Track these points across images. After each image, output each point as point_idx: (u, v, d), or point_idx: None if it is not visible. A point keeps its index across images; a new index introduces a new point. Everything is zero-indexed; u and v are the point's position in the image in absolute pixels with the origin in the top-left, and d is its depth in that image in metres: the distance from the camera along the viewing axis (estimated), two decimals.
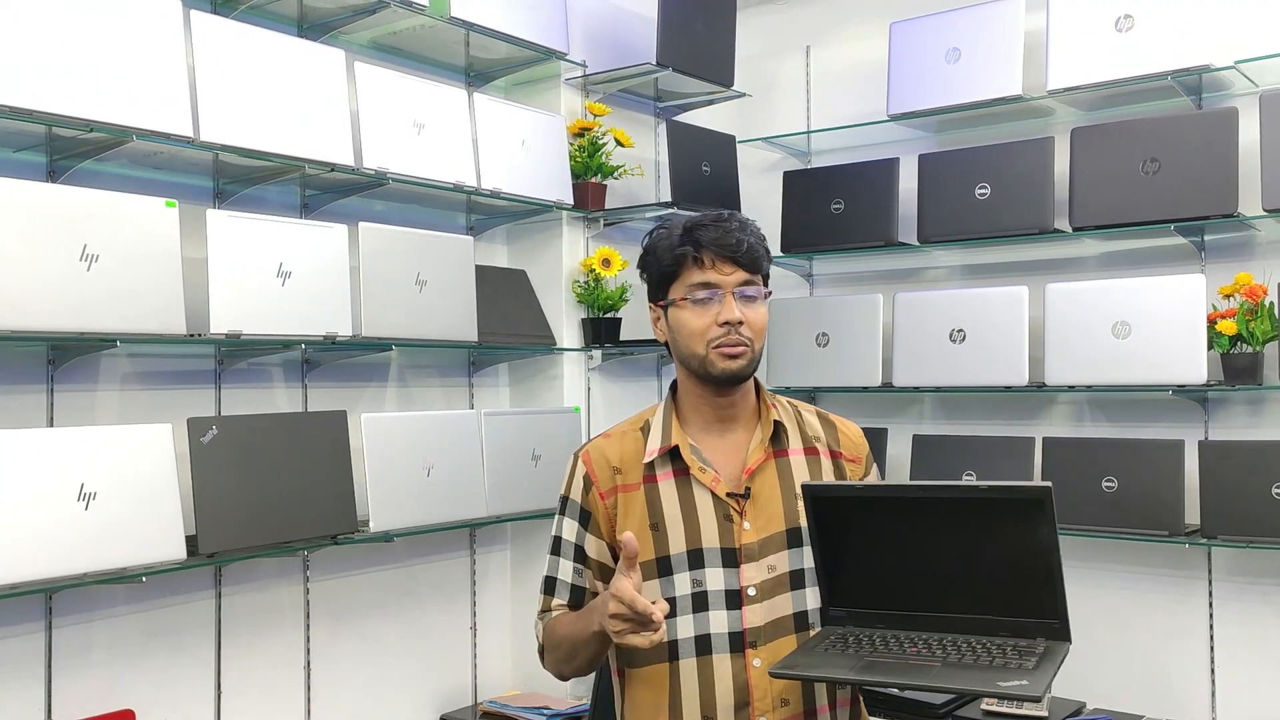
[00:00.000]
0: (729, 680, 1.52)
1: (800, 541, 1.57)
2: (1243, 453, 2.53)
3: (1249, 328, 2.56)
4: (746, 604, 1.53)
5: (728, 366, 1.55)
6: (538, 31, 2.82)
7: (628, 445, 1.63)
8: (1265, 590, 2.68)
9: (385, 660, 2.74)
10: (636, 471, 1.60)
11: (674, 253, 1.57)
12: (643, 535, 1.56)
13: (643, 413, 1.69)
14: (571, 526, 1.64)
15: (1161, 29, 2.68)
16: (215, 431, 2.11)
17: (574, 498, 1.64)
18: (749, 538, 1.55)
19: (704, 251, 1.55)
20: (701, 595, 1.54)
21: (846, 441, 1.68)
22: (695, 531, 1.55)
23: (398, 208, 2.77)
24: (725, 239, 1.55)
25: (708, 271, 1.55)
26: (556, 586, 1.65)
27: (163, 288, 2.01)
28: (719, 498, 1.56)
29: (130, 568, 1.97)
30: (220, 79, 2.15)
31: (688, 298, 1.56)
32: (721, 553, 1.54)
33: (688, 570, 1.54)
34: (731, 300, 1.55)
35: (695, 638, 1.53)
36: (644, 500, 1.58)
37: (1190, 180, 2.62)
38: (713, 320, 1.54)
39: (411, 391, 2.84)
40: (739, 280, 1.56)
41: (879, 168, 3.14)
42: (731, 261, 1.55)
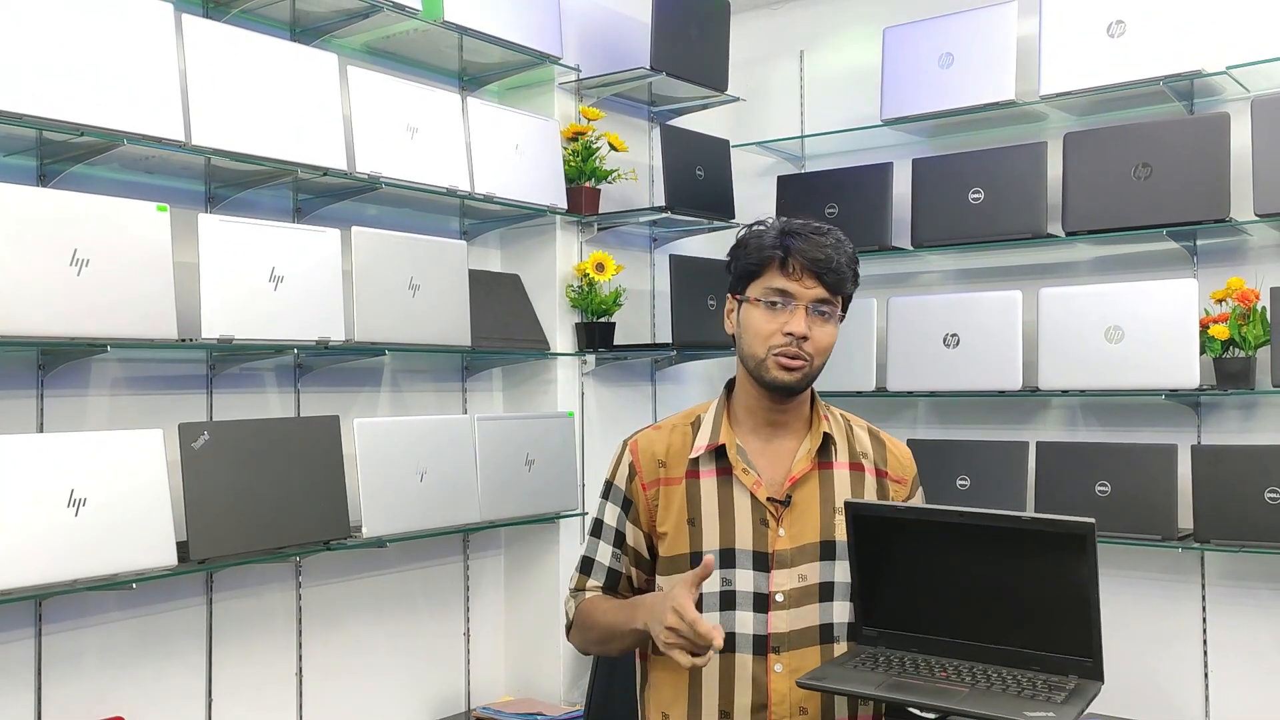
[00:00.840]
0: (749, 681, 1.55)
1: (834, 555, 1.58)
2: (1235, 457, 2.53)
3: (1241, 332, 2.56)
4: (773, 609, 1.55)
5: (780, 377, 1.56)
6: (531, 36, 2.82)
7: (676, 439, 1.65)
8: (1258, 594, 2.68)
9: (378, 666, 2.73)
10: (681, 466, 1.62)
11: (762, 252, 1.57)
12: (679, 529, 1.59)
13: (696, 407, 1.70)
14: (614, 512, 1.66)
15: (1153, 34, 2.69)
16: (207, 437, 2.10)
17: (618, 484, 1.67)
18: (783, 544, 1.56)
19: (792, 258, 1.54)
20: (730, 594, 1.56)
21: (894, 462, 1.68)
22: (730, 531, 1.57)
23: (391, 212, 2.77)
24: (815, 251, 1.54)
25: (789, 279, 1.55)
26: (594, 568, 1.68)
27: (154, 292, 2.00)
28: (758, 501, 1.58)
29: (121, 574, 1.96)
30: (212, 83, 2.14)
31: (762, 299, 1.56)
32: (754, 555, 1.56)
33: (719, 569, 1.56)
34: (803, 313, 1.54)
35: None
36: (684, 495, 1.60)
37: (1182, 185, 2.63)
38: (779, 327, 1.54)
39: (405, 396, 2.83)
40: (816, 296, 1.55)
41: (873, 172, 3.14)
42: (815, 276, 1.54)
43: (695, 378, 3.48)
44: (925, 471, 2.97)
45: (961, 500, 2.90)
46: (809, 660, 1.55)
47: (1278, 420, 2.67)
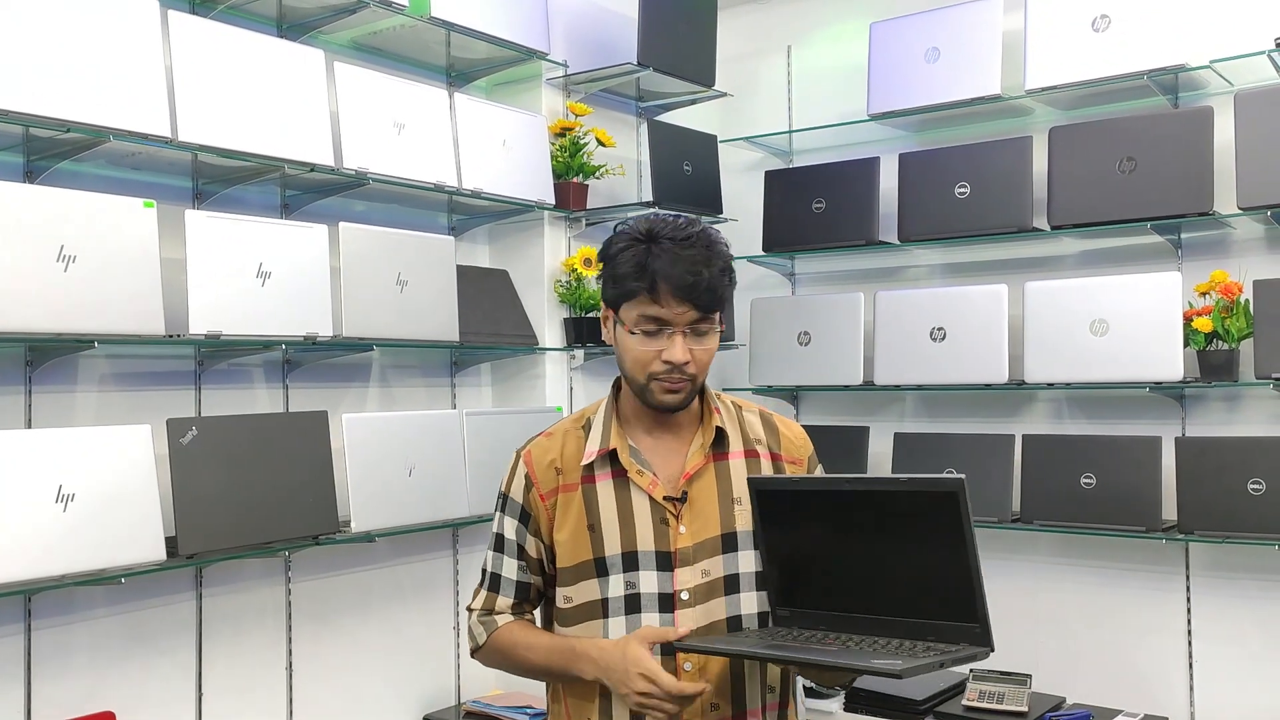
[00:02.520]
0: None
1: (735, 546, 1.55)
2: (1219, 449, 2.55)
3: (1224, 325, 2.58)
4: (680, 608, 1.52)
5: (665, 400, 1.52)
6: (518, 31, 2.82)
7: (569, 444, 1.60)
8: (1242, 585, 2.71)
9: (368, 661, 2.73)
10: (576, 471, 1.58)
11: (629, 279, 1.48)
12: (579, 535, 1.54)
13: (585, 410, 1.65)
14: (512, 525, 1.61)
15: (1138, 29, 2.70)
16: (195, 432, 2.11)
17: (514, 497, 1.61)
18: (684, 541, 1.53)
19: (659, 289, 1.46)
20: (635, 597, 1.52)
21: (788, 444, 1.65)
22: (631, 534, 1.53)
23: (379, 208, 2.77)
24: (684, 278, 1.45)
25: (661, 306, 1.47)
26: (501, 584, 1.62)
27: (141, 288, 2.01)
28: (656, 501, 1.54)
29: (109, 569, 1.96)
30: (198, 79, 2.14)
31: (636, 329, 1.49)
32: (656, 556, 1.52)
33: (622, 572, 1.52)
34: (680, 340, 1.48)
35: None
36: (581, 501, 1.55)
37: (1166, 179, 2.64)
38: (657, 355, 1.48)
39: (394, 391, 2.84)
40: (690, 319, 1.48)
41: (859, 167, 3.15)
42: (687, 301, 1.46)
43: None
44: (912, 465, 3.00)
45: None
46: (717, 657, 1.51)
47: (1261, 412, 2.69)
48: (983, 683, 2.80)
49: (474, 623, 1.65)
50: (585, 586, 1.54)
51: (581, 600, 1.55)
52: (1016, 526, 2.83)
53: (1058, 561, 2.97)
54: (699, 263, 1.47)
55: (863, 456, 3.11)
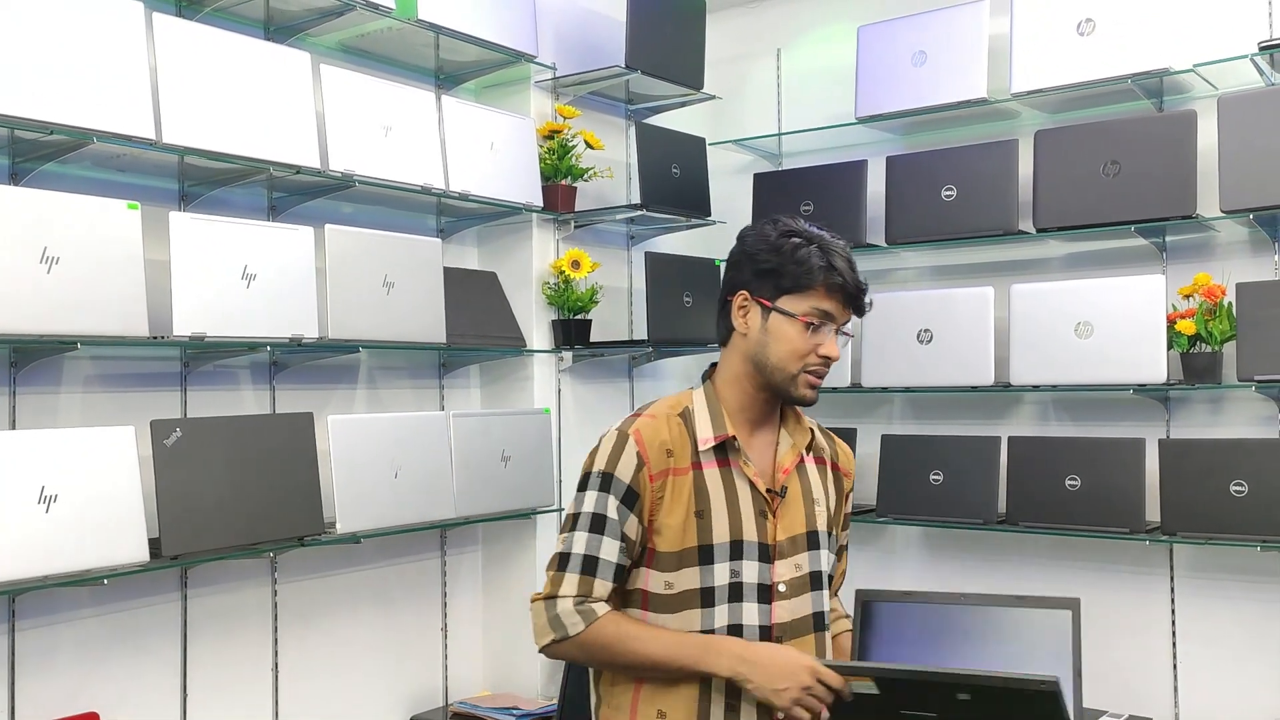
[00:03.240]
0: None
1: (818, 545, 1.63)
2: (1202, 451, 2.56)
3: (1208, 327, 2.59)
4: (776, 599, 1.58)
5: (806, 394, 1.60)
6: (506, 34, 2.83)
7: (674, 429, 1.60)
8: (1225, 586, 2.72)
9: (355, 662, 2.74)
10: (685, 456, 1.59)
11: (812, 275, 1.55)
12: (688, 522, 1.56)
13: (676, 398, 1.66)
14: (615, 504, 1.55)
15: (1122, 33, 2.72)
16: (179, 434, 2.11)
17: (620, 476, 1.56)
18: (780, 535, 1.60)
19: (840, 285, 1.56)
20: (737, 586, 1.56)
21: (843, 457, 1.76)
22: (737, 523, 1.57)
23: (367, 210, 2.78)
24: (860, 282, 1.59)
25: (833, 303, 1.57)
26: (599, 566, 1.55)
27: (125, 290, 2.01)
28: (758, 493, 1.59)
29: (92, 570, 1.97)
30: (183, 81, 2.15)
31: (806, 319, 1.56)
32: (758, 547, 1.58)
33: (728, 561, 1.56)
34: (836, 338, 1.59)
35: (728, 627, 1.55)
36: (692, 486, 1.57)
37: (1150, 182, 2.65)
38: (814, 348, 1.57)
39: (381, 393, 2.84)
40: (845, 321, 1.60)
41: (847, 170, 3.16)
42: (853, 304, 1.59)
43: (672, 374, 3.50)
44: (899, 466, 3.01)
45: (933, 495, 2.92)
46: (806, 649, 1.58)
47: (1244, 414, 2.70)
48: None
49: (565, 611, 1.54)
50: (688, 574, 1.55)
51: (684, 587, 1.55)
52: (1002, 528, 2.84)
53: (1044, 563, 2.97)
54: (857, 272, 1.61)
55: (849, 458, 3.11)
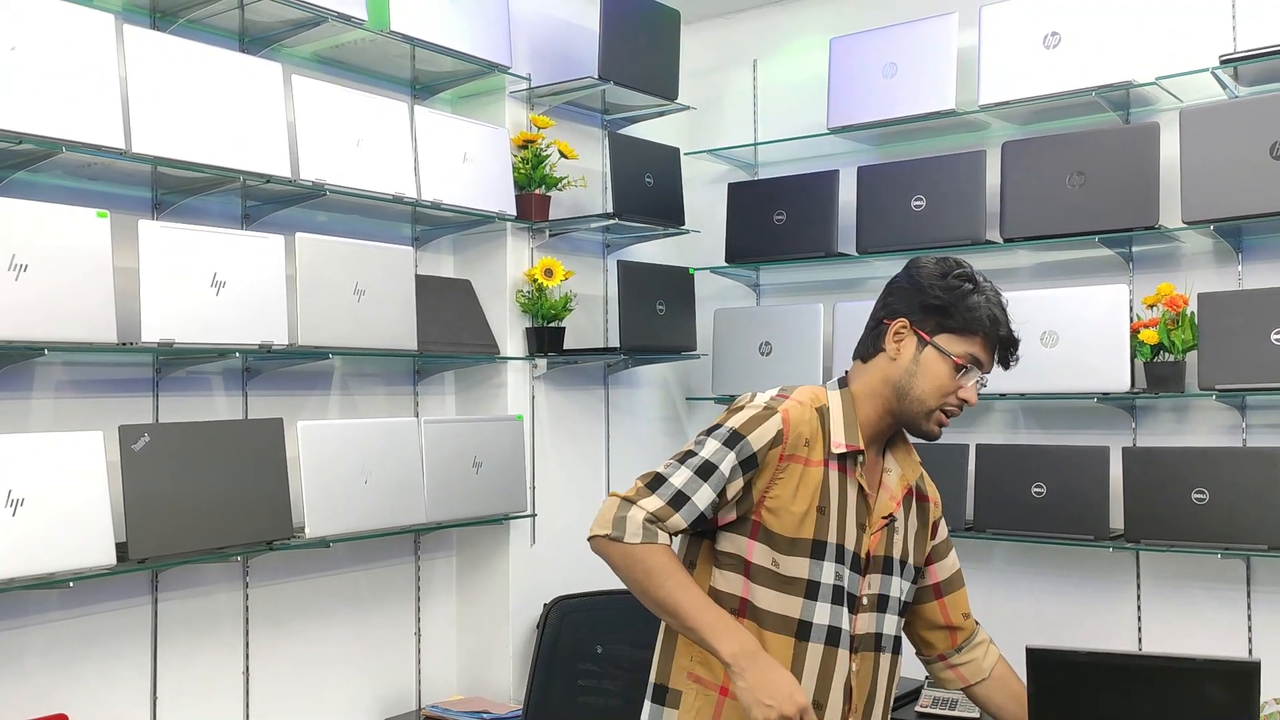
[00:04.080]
0: (845, 676, 1.63)
1: (892, 570, 1.69)
2: (1164, 459, 2.59)
3: (1170, 337, 2.62)
4: (860, 611, 1.65)
5: (934, 431, 1.65)
6: (480, 45, 2.87)
7: (814, 421, 1.64)
8: (1190, 593, 2.74)
9: (327, 666, 2.76)
10: (819, 451, 1.62)
11: (981, 324, 1.61)
12: (808, 514, 1.60)
13: (813, 392, 1.68)
14: (732, 462, 1.57)
15: (1087, 46, 2.75)
16: (147, 439, 2.14)
17: (753, 443, 1.58)
18: (869, 552, 1.66)
19: (1000, 342, 1.64)
20: (840, 590, 1.62)
21: (929, 486, 1.80)
22: (843, 530, 1.63)
23: (341, 218, 2.81)
24: (1015, 348, 1.66)
25: (986, 354, 1.64)
26: (686, 506, 1.55)
27: (93, 297, 2.04)
28: (863, 506, 1.64)
29: (58, 573, 2.00)
30: (153, 91, 2.18)
31: (961, 361, 1.61)
32: (853, 556, 1.63)
33: (835, 562, 1.61)
34: (975, 384, 1.64)
35: (829, 628, 1.61)
36: (821, 481, 1.61)
37: (1114, 193, 2.69)
38: (956, 389, 1.62)
39: (356, 400, 2.87)
40: (989, 368, 1.67)
41: (819, 180, 3.20)
42: (1003, 359, 1.67)
43: (648, 382, 3.53)
44: None
45: None
46: (869, 663, 1.66)
47: (1208, 423, 2.73)
48: (937, 689, 2.83)
49: (633, 519, 1.53)
50: (798, 562, 1.59)
51: (792, 573, 1.58)
52: (970, 535, 2.87)
53: (1012, 570, 3.00)
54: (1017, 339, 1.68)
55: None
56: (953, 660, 1.84)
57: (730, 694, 1.57)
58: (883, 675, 1.69)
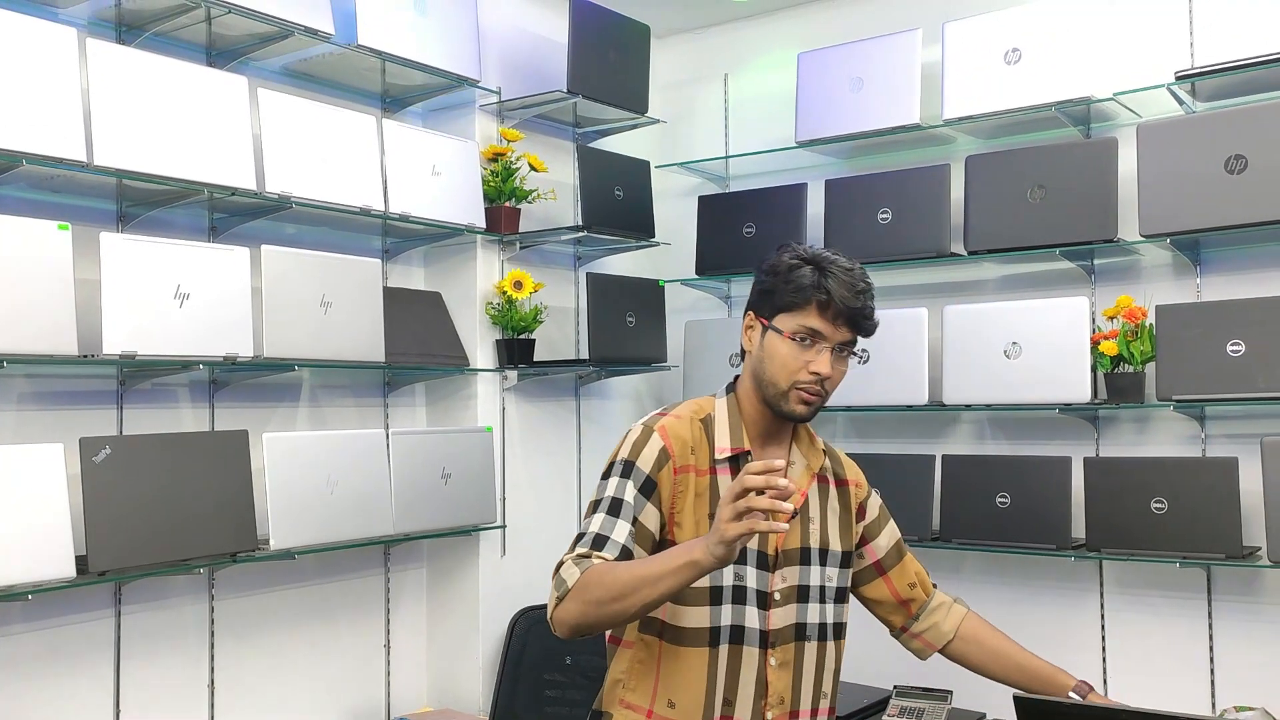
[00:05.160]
0: (753, 673, 1.66)
1: (809, 561, 1.71)
2: (1125, 469, 2.62)
3: (1130, 348, 2.65)
4: (772, 606, 1.67)
5: (797, 409, 1.65)
6: (449, 59, 2.89)
7: (696, 431, 1.69)
8: (1152, 602, 2.77)
9: (294, 678, 2.76)
10: (705, 459, 1.68)
11: (802, 293, 1.61)
12: (702, 522, 1.65)
13: (699, 403, 1.75)
14: (633, 491, 1.62)
15: (1048, 62, 2.79)
16: (108, 451, 2.14)
17: (643, 467, 1.63)
18: (777, 547, 1.68)
19: (832, 305, 1.60)
20: (742, 590, 1.65)
21: (849, 469, 1.84)
22: None
23: (310, 231, 2.82)
24: (853, 300, 1.61)
25: (823, 322, 1.61)
26: (608, 545, 1.59)
27: (54, 309, 2.04)
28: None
29: (17, 585, 1.99)
30: (116, 105, 2.19)
31: (794, 336, 1.62)
32: (759, 555, 1.67)
33: (733, 564, 1.61)
34: (829, 354, 1.62)
35: (732, 627, 1.65)
36: (709, 488, 1.66)
37: (1074, 206, 2.72)
38: (805, 365, 1.62)
39: (324, 412, 2.87)
40: (844, 339, 1.63)
41: (788, 193, 3.23)
42: (848, 322, 1.62)
43: (620, 394, 3.54)
44: None
45: None
46: (789, 655, 1.68)
47: (1168, 433, 2.76)
48: (904, 699, 2.85)
49: (565, 569, 1.56)
50: None
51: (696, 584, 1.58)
52: (936, 545, 2.89)
53: (979, 579, 3.02)
54: (864, 292, 1.65)
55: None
56: (914, 629, 1.88)
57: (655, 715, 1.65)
58: (811, 665, 1.71)
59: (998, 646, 1.86)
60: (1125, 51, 2.83)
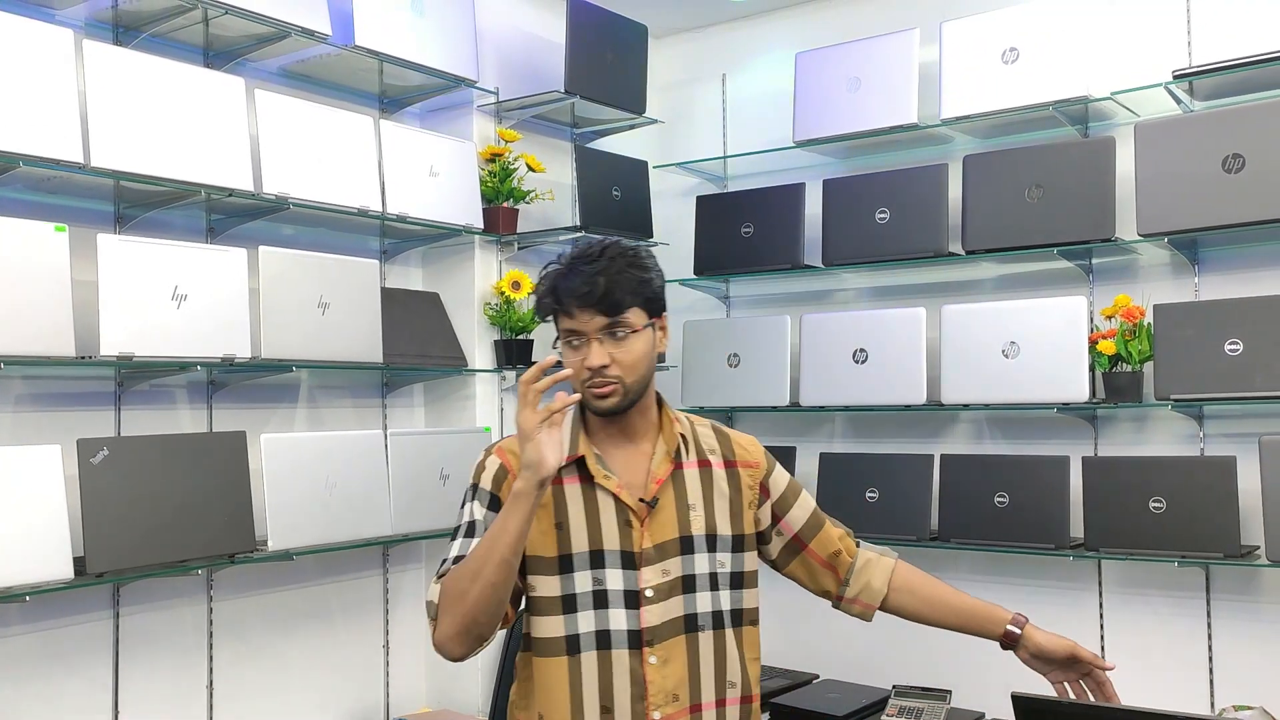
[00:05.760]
0: (627, 675, 1.62)
1: (692, 549, 1.68)
2: (1123, 468, 2.62)
3: (1127, 348, 2.65)
4: (644, 604, 1.63)
5: (597, 405, 1.64)
6: (447, 60, 2.89)
7: None
8: (1151, 600, 2.77)
9: (293, 680, 2.76)
10: None
11: (543, 305, 1.65)
12: (547, 532, 1.64)
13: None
14: (482, 511, 1.67)
15: (1045, 61, 2.79)
16: (106, 452, 2.14)
17: (485, 486, 1.68)
18: (646, 543, 1.65)
19: (565, 303, 1.62)
20: (602, 593, 1.63)
21: (740, 450, 1.79)
22: (597, 533, 1.64)
23: (309, 232, 2.82)
24: (581, 287, 1.59)
25: (574, 320, 1.62)
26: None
27: (51, 310, 2.04)
28: (622, 504, 1.65)
29: (15, 587, 1.99)
30: (112, 106, 2.19)
31: (562, 341, 1.65)
32: (621, 555, 1.64)
33: (589, 569, 1.63)
34: (595, 345, 1.61)
35: (596, 633, 1.63)
36: (550, 500, 1.66)
37: (1072, 206, 2.72)
38: (582, 364, 1.62)
39: (323, 412, 2.87)
40: (600, 325, 1.61)
41: (786, 193, 3.23)
42: (590, 308, 1.60)
43: None
44: (836, 484, 3.06)
45: (869, 512, 2.97)
46: (678, 650, 1.65)
47: (1166, 432, 2.76)
48: (904, 698, 2.85)
49: (429, 594, 1.62)
50: (549, 580, 1.64)
51: (545, 593, 1.64)
52: (935, 545, 2.89)
53: (978, 579, 3.02)
54: (597, 272, 1.60)
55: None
56: (848, 595, 1.83)
57: None
58: (709, 655, 1.67)
59: (931, 593, 1.83)
60: (1123, 51, 2.83)
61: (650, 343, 1.66)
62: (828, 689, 3.01)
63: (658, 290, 1.68)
